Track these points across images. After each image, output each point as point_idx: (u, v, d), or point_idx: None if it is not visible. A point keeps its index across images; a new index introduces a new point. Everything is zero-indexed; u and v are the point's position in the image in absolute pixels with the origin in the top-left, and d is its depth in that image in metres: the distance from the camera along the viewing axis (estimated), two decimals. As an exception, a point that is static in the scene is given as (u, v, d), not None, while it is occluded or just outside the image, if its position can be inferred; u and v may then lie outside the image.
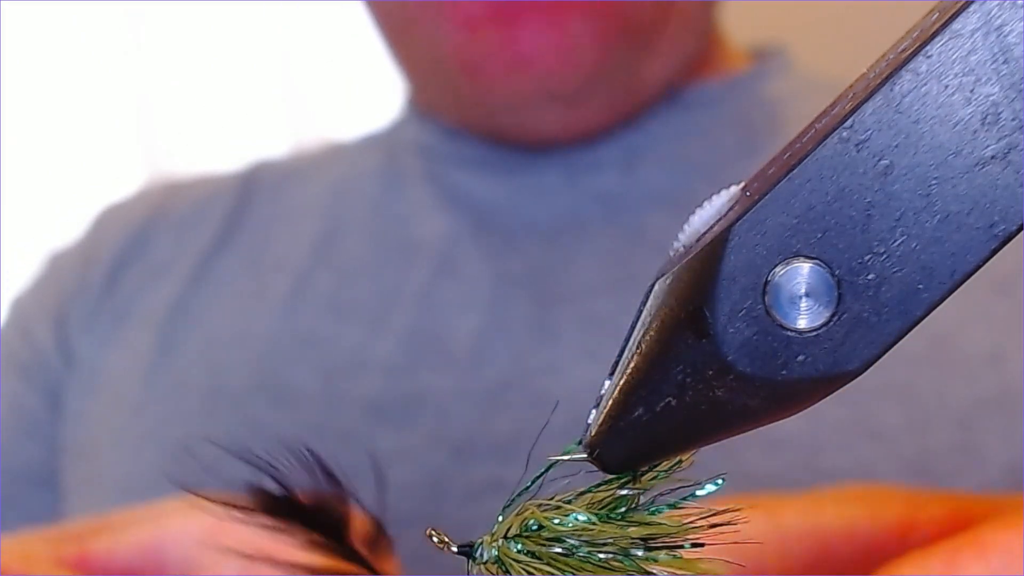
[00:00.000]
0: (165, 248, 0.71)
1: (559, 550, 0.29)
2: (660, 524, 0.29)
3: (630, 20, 0.62)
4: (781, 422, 0.60)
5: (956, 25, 0.26)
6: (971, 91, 0.26)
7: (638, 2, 0.62)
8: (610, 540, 0.29)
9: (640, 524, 0.29)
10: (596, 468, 0.29)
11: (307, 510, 0.35)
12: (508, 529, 0.30)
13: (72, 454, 0.67)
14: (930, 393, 0.58)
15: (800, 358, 0.27)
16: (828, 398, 0.62)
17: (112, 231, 0.74)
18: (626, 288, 0.62)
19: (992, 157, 0.26)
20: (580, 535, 0.29)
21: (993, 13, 0.26)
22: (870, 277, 0.26)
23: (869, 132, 0.26)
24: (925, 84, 0.26)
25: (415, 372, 0.62)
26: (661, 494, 0.29)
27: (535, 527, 0.29)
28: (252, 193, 0.72)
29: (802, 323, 0.27)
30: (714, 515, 0.29)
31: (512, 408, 0.60)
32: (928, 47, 0.26)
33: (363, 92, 1.52)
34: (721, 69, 0.71)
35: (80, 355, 0.69)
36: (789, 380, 0.27)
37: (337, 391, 0.62)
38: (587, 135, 0.65)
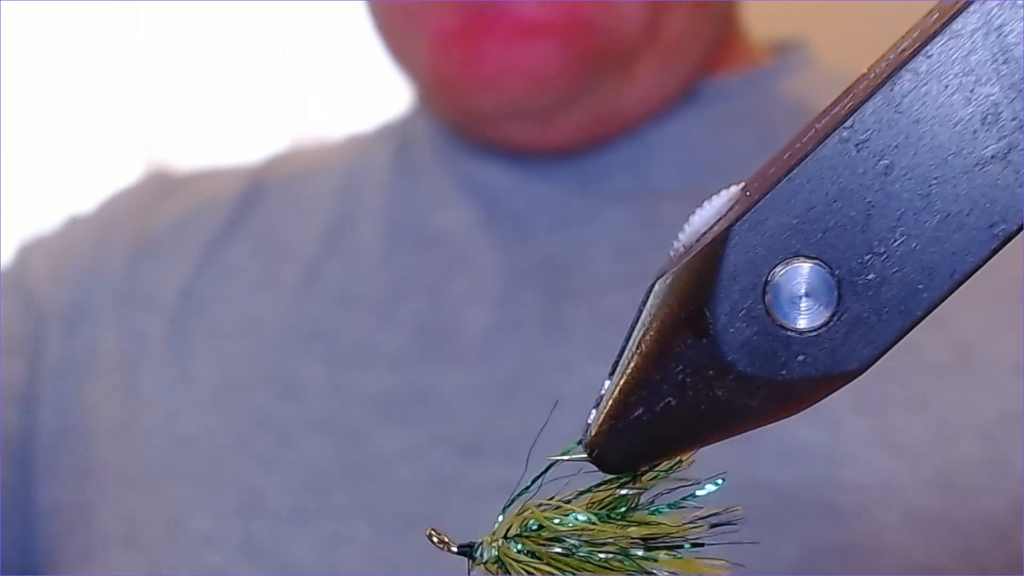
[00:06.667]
0: (172, 230, 0.70)
1: (559, 550, 0.29)
2: (660, 524, 0.29)
3: (605, 45, 0.61)
4: (801, 433, 0.60)
5: (956, 25, 0.26)
6: (971, 91, 0.26)
7: (615, 27, 0.61)
8: (610, 540, 0.29)
9: (640, 524, 0.29)
10: (596, 468, 0.29)
11: None
12: (508, 529, 0.30)
13: (66, 440, 0.66)
14: (954, 405, 0.57)
15: (800, 358, 0.27)
16: (850, 408, 0.62)
17: (118, 213, 0.72)
18: (641, 284, 0.61)
19: (992, 157, 0.26)
20: (580, 535, 0.29)
21: (993, 13, 0.26)
22: (870, 277, 0.26)
23: (869, 132, 0.26)
24: (925, 84, 0.26)
25: (423, 366, 0.62)
26: (661, 494, 0.29)
27: (535, 527, 0.29)
28: (263, 183, 0.71)
29: (802, 323, 0.27)
30: (714, 515, 0.29)
31: (521, 407, 0.59)
32: (928, 47, 0.26)
33: (362, 89, 1.52)
34: (740, 63, 0.69)
35: (79, 331, 0.67)
36: (789, 380, 0.27)
37: (344, 384, 0.62)
38: (562, 150, 0.65)
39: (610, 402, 0.28)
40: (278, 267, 0.66)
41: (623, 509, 0.29)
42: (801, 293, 0.27)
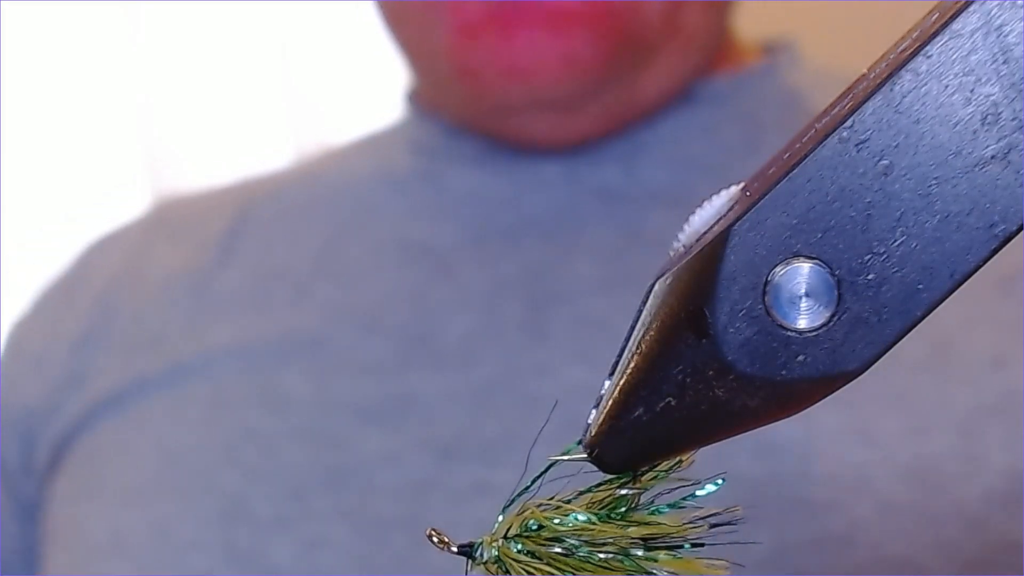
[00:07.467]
0: (164, 266, 0.70)
1: (559, 550, 0.29)
2: (660, 524, 0.29)
3: (632, 35, 0.61)
4: (774, 427, 0.60)
5: (956, 25, 0.26)
6: (971, 91, 0.26)
7: (642, 17, 0.61)
8: (610, 540, 0.29)
9: (640, 524, 0.29)
10: (596, 468, 0.29)
11: None
12: (508, 529, 0.30)
13: (72, 464, 0.67)
14: (930, 398, 0.57)
15: (800, 358, 0.27)
16: (824, 402, 0.62)
17: (104, 258, 0.73)
18: (622, 288, 0.61)
19: (992, 157, 0.26)
20: (580, 535, 0.29)
21: (993, 13, 0.26)
22: (870, 277, 0.26)
23: (869, 132, 0.26)
24: (925, 84, 0.26)
25: (405, 373, 0.62)
26: (661, 494, 0.29)
27: (535, 527, 0.29)
28: (252, 205, 0.71)
29: (802, 323, 0.27)
30: (714, 515, 0.29)
31: (500, 410, 0.60)
32: (928, 47, 0.26)
33: (364, 94, 1.52)
34: (730, 63, 0.69)
35: (78, 380, 0.69)
36: (789, 380, 0.27)
37: (328, 394, 0.63)
38: (581, 142, 0.65)
39: (610, 402, 0.28)
40: (270, 288, 0.67)
41: (623, 509, 0.29)
42: (801, 293, 0.27)
